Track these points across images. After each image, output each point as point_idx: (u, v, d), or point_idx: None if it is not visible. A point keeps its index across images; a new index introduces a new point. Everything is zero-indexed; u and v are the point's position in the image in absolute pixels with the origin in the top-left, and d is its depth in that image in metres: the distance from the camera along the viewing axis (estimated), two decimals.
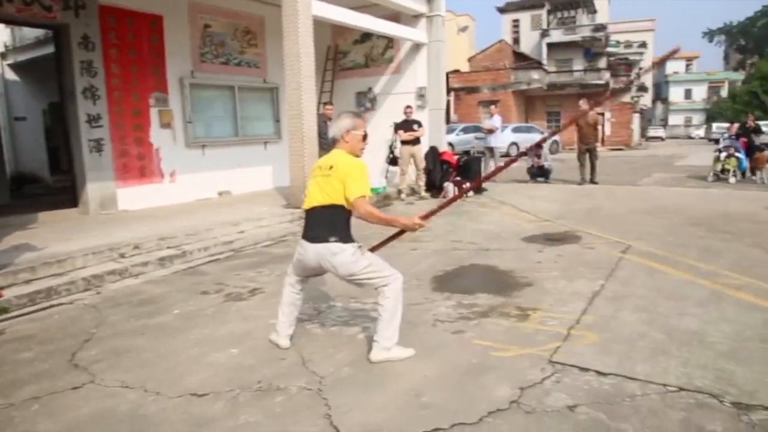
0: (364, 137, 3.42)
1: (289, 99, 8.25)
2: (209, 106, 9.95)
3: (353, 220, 3.32)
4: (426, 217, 3.50)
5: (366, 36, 12.00)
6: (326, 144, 8.76)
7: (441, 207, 3.76)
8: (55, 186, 12.34)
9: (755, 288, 4.65)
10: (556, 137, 27.26)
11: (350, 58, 12.60)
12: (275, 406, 2.84)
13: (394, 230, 3.63)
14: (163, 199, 8.93)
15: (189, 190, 9.41)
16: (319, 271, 3.46)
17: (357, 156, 3.37)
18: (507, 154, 22.43)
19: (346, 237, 3.24)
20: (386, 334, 3.27)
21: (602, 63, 39.17)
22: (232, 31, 10.23)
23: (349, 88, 12.51)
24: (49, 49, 9.24)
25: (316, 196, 3.27)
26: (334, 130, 3.37)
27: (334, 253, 3.20)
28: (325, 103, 9.47)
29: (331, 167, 3.24)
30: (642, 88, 49.18)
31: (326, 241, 3.21)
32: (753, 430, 2.54)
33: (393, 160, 11.22)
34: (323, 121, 8.80)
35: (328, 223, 3.23)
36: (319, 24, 9.30)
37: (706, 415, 2.66)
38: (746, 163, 12.77)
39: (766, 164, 12.40)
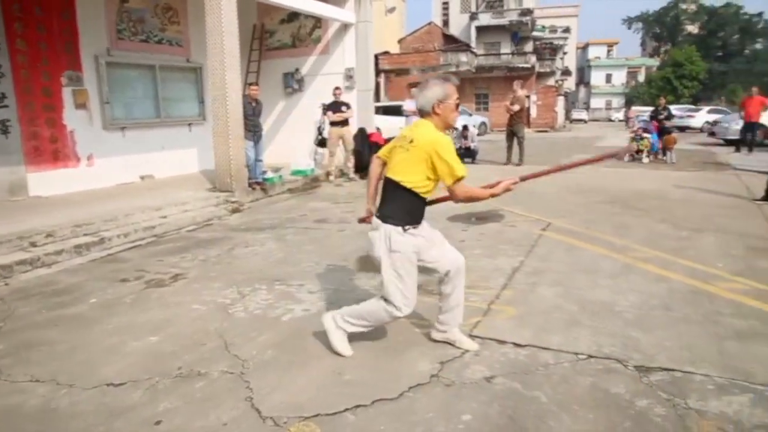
0: (457, 105, 3.01)
1: (212, 79, 8.01)
2: (129, 85, 9.49)
3: None
4: (525, 178, 3.31)
5: (293, 15, 11.78)
6: (252, 125, 8.61)
7: (547, 173, 3.68)
8: None
9: (661, 260, 4.97)
10: (484, 119, 27.87)
11: (277, 37, 12.33)
12: (196, 391, 2.80)
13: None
14: (80, 183, 8.49)
15: (108, 174, 8.99)
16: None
17: (450, 127, 3.05)
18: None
19: (397, 220, 2.93)
20: (347, 318, 3.12)
21: (529, 47, 40.20)
22: (152, 7, 9.77)
23: (276, 69, 12.27)
24: None
25: (391, 170, 2.99)
26: (421, 101, 2.95)
27: (374, 226, 3.02)
28: (250, 84, 9.24)
29: (411, 141, 2.89)
30: (566, 72, 50.86)
31: (385, 220, 2.95)
32: (651, 389, 2.74)
33: (321, 142, 11.13)
34: (248, 102, 8.60)
35: (390, 198, 2.99)
36: (245, 2, 9.04)
37: (612, 379, 2.85)
38: (658, 145, 13.54)
39: (674, 145, 13.21)
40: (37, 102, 7.97)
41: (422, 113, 2.99)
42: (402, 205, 2.94)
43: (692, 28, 70.43)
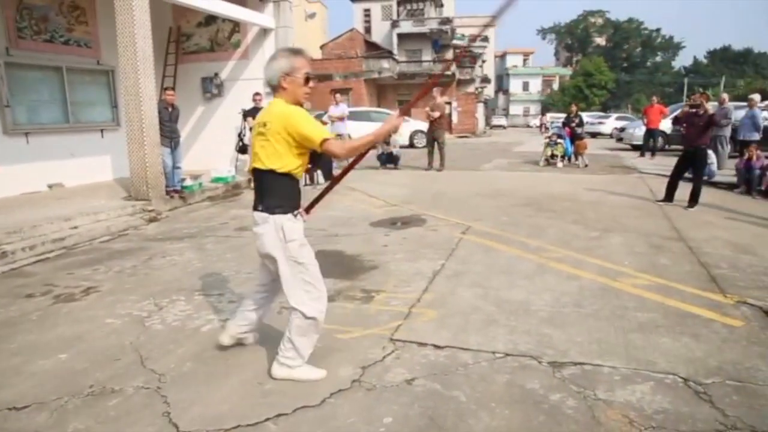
0: (307, 80, 2.80)
1: (125, 83, 7.69)
2: (32, 88, 8.93)
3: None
4: (404, 112, 3.03)
5: (211, 19, 11.52)
6: (169, 131, 8.33)
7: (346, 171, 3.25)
8: None
9: (573, 260, 5.23)
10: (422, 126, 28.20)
11: (194, 41, 12.00)
12: (109, 409, 2.68)
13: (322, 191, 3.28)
14: None
15: (11, 182, 8.41)
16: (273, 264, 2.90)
17: (299, 103, 2.80)
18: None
19: (273, 207, 2.77)
20: (289, 354, 2.90)
21: (449, 55, 41.18)
22: (56, 5, 9.24)
23: (194, 73, 11.92)
24: None
25: (254, 160, 2.83)
26: (268, 74, 2.77)
27: (256, 222, 2.83)
28: (166, 88, 8.94)
29: (265, 124, 2.72)
30: (485, 80, 52.46)
31: (256, 209, 2.82)
32: (564, 383, 2.88)
33: (242, 148, 10.91)
34: (164, 107, 8.31)
35: (259, 188, 2.83)
36: (159, 4, 8.75)
37: (527, 375, 2.97)
38: (571, 149, 14.24)
39: (586, 150, 13.94)
40: None
41: (272, 88, 2.83)
42: (284, 192, 2.79)
43: (600, 41, 74.93)
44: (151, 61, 7.84)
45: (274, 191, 2.79)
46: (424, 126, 21.70)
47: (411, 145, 21.78)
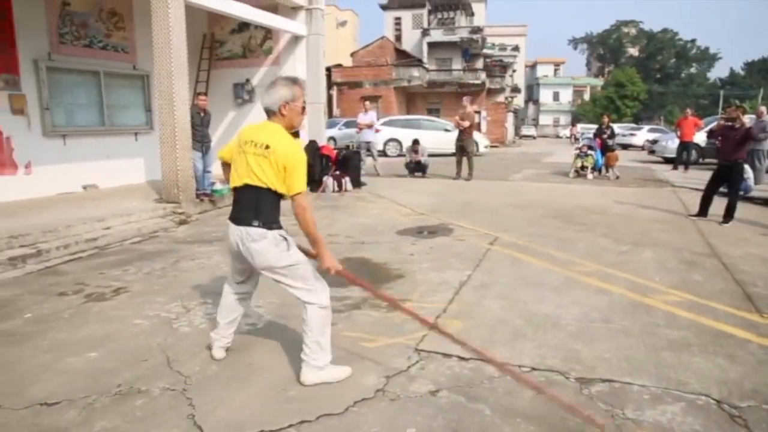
0: (303, 109, 2.99)
1: (159, 88, 7.85)
2: (71, 92, 9.18)
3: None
4: (345, 274, 3.03)
5: (244, 26, 11.69)
6: (200, 136, 8.47)
7: (360, 283, 3.21)
8: None
9: (603, 274, 5.14)
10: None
11: (227, 47, 12.20)
12: (135, 409, 2.71)
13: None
14: (17, 192, 8.12)
15: (48, 183, 8.64)
16: (248, 262, 2.98)
17: (295, 129, 2.97)
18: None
19: (270, 223, 2.86)
20: (315, 354, 2.93)
21: (479, 64, 41.09)
22: (96, 12, 9.50)
23: (227, 79, 12.12)
24: None
25: (245, 174, 2.86)
26: (267, 101, 2.89)
27: (253, 238, 2.83)
28: (198, 93, 9.09)
29: (267, 147, 2.79)
30: (515, 89, 52.21)
31: (249, 224, 2.84)
32: (591, 400, 2.82)
33: None
34: (197, 111, 8.46)
35: (254, 205, 2.85)
36: (194, 11, 8.94)
37: (553, 391, 2.91)
38: (601, 161, 14.04)
39: (617, 162, 13.73)
40: None
41: (268, 113, 2.93)
42: (278, 208, 2.90)
43: (633, 51, 73.92)
44: (185, 66, 7.99)
45: (271, 208, 2.88)
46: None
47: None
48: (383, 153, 20.53)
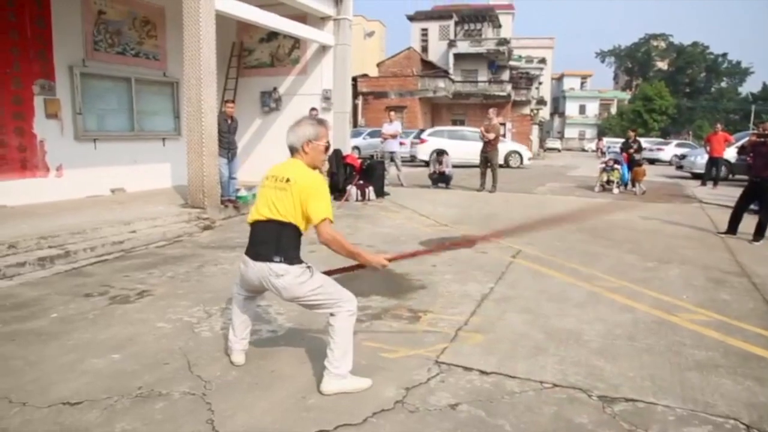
0: (326, 148, 3.03)
1: (188, 94, 7.97)
2: (103, 97, 9.39)
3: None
4: (393, 259, 3.19)
5: (272, 35, 11.85)
6: (227, 143, 8.58)
7: (414, 255, 3.46)
8: None
9: (628, 290, 5.05)
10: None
11: (255, 56, 12.37)
12: (155, 412, 2.73)
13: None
14: (48, 194, 8.32)
15: (78, 185, 8.83)
16: (262, 290, 3.10)
17: (317, 167, 3.01)
18: (412, 159, 22.83)
19: (292, 258, 2.88)
20: (338, 362, 2.93)
21: (505, 75, 40.98)
22: (130, 20, 9.73)
23: (254, 87, 12.28)
24: None
25: (266, 210, 2.89)
26: (291, 139, 2.95)
27: (278, 275, 2.85)
28: (226, 101, 9.22)
29: (287, 180, 2.83)
30: (541, 102, 51.92)
31: (270, 260, 2.86)
32: (614, 420, 2.76)
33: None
34: (224, 119, 8.58)
35: (274, 239, 2.87)
36: (224, 19, 9.07)
37: (575, 409, 2.86)
38: (628, 176, 13.85)
39: (644, 177, 13.53)
40: (6, 110, 7.82)
41: (292, 151, 3.00)
42: (299, 243, 2.95)
43: (662, 65, 72.97)
44: (214, 74, 8.11)
45: (291, 242, 2.91)
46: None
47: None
48: (428, 164, 20.78)
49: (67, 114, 8.69)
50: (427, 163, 20.65)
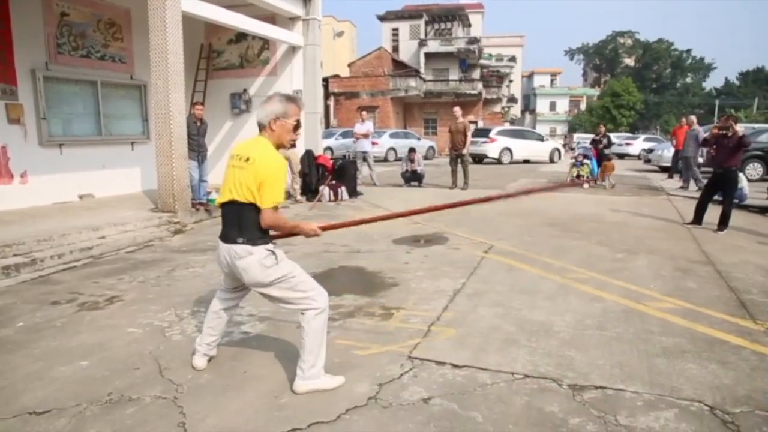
0: (296, 127, 2.92)
1: (156, 97, 7.86)
2: (68, 101, 9.20)
3: None
4: (326, 227, 3.16)
5: (241, 36, 11.75)
6: (196, 145, 8.48)
7: (343, 224, 3.45)
8: None
9: (597, 281, 5.14)
10: (432, 143, 28.39)
11: (224, 57, 12.25)
12: (126, 417, 2.70)
13: None
14: (12, 202, 8.12)
15: (44, 192, 8.64)
16: (237, 277, 2.99)
17: (284, 146, 2.94)
18: (384, 159, 22.97)
19: (255, 239, 2.82)
20: (311, 362, 2.90)
21: (476, 74, 41.32)
22: (94, 22, 9.54)
23: (224, 89, 12.15)
24: None
25: (227, 191, 2.85)
26: (260, 114, 2.87)
27: (240, 256, 2.82)
28: (195, 103, 9.11)
29: (248, 159, 2.77)
30: (512, 99, 52.43)
31: (234, 242, 2.83)
32: (584, 407, 2.81)
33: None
34: (193, 121, 8.47)
35: (236, 220, 2.83)
36: (192, 21, 8.98)
37: (546, 398, 2.90)
38: (597, 170, 14.09)
39: (612, 171, 13.77)
40: None
41: (259, 127, 2.92)
42: (259, 223, 2.84)
43: (629, 61, 74.34)
44: (182, 76, 8.01)
45: (255, 223, 2.82)
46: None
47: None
48: (498, 161, 22.83)
49: (30, 119, 8.50)
50: (497, 161, 22.44)
